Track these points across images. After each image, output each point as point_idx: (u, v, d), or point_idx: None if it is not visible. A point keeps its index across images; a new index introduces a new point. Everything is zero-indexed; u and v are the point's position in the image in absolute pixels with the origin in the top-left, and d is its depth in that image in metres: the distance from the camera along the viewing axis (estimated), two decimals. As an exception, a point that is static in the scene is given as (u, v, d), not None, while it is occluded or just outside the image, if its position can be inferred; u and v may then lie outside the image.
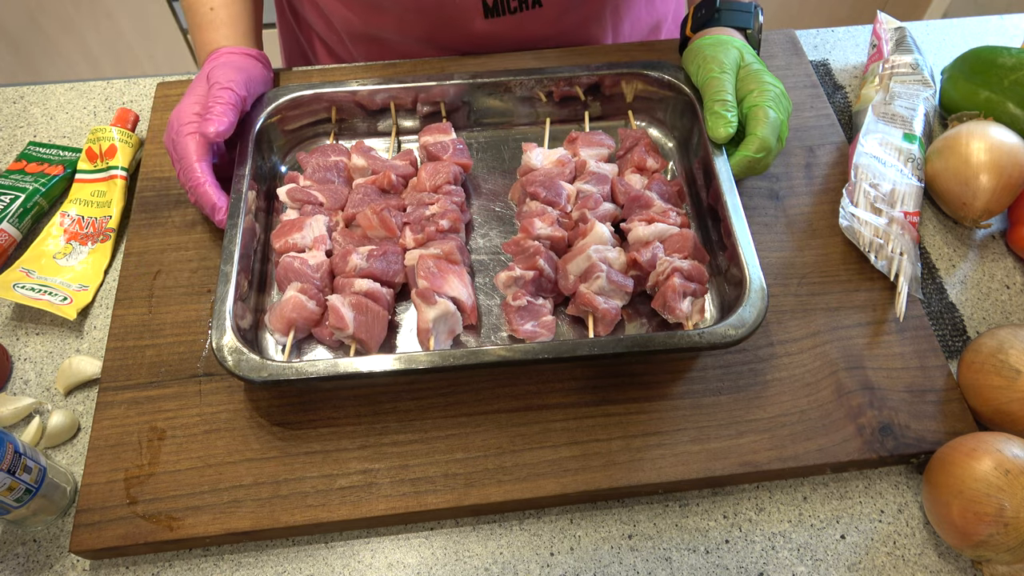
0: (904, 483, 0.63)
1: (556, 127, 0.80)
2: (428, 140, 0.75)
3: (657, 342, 0.59)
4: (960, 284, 0.73)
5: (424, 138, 0.76)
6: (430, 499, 0.59)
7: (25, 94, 0.88)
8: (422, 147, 0.76)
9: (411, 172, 0.74)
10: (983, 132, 0.73)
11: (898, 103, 0.79)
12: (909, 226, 0.71)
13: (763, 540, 0.60)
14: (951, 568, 0.59)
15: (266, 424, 0.62)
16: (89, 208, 0.76)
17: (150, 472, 0.60)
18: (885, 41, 0.85)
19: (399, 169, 0.73)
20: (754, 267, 0.62)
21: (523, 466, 0.60)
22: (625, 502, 0.62)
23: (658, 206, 0.70)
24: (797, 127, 0.81)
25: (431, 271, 0.65)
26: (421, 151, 0.76)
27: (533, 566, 0.59)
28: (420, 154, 0.77)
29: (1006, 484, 0.54)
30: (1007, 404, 0.61)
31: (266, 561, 0.59)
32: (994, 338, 0.63)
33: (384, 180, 0.72)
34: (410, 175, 0.74)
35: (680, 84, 0.75)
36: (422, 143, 0.76)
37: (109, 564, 0.59)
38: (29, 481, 0.56)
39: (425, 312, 0.63)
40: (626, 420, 0.62)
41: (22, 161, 0.79)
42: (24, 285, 0.70)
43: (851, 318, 0.68)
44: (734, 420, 0.62)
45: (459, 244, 0.67)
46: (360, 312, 0.63)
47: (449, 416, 0.63)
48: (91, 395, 0.67)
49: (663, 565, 0.59)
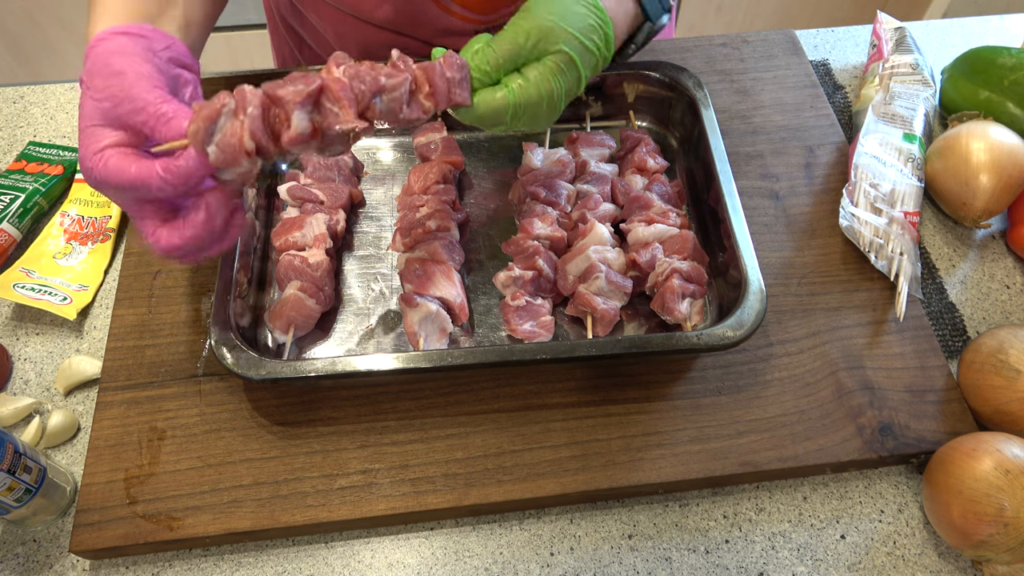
0: (904, 483, 0.63)
1: (557, 127, 0.80)
2: (421, 140, 0.76)
3: (655, 343, 0.60)
4: (960, 284, 0.73)
5: (418, 139, 0.76)
6: (430, 499, 0.59)
7: (25, 94, 0.88)
8: (416, 148, 0.76)
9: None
10: (983, 132, 0.73)
11: (898, 103, 0.79)
12: (909, 226, 0.71)
13: (763, 540, 0.60)
14: (951, 568, 0.59)
15: (266, 424, 0.62)
16: (89, 208, 0.77)
17: (150, 472, 0.60)
18: (885, 41, 0.85)
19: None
20: (753, 269, 0.62)
21: (523, 466, 0.60)
22: (625, 502, 0.62)
23: (658, 207, 0.70)
24: (797, 127, 0.81)
25: (417, 274, 0.65)
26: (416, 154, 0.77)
27: (533, 566, 0.59)
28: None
29: (1006, 484, 0.54)
30: (1007, 404, 0.61)
31: (266, 561, 0.59)
32: (994, 338, 0.63)
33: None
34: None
35: (681, 85, 0.75)
36: (415, 144, 0.76)
37: (109, 564, 0.59)
38: (29, 481, 0.56)
39: (409, 315, 0.64)
40: (626, 420, 0.62)
41: (22, 161, 0.79)
42: (24, 285, 0.70)
43: (851, 318, 0.68)
44: (734, 420, 0.62)
45: (447, 242, 0.67)
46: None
47: (449, 416, 0.63)
48: (91, 395, 0.67)
49: (663, 565, 0.59)
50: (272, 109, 0.50)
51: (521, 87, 0.56)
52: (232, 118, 0.49)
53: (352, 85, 0.51)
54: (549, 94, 0.57)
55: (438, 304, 0.64)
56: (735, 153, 0.78)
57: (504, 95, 0.56)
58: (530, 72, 0.57)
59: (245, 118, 0.49)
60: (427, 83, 0.54)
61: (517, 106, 0.57)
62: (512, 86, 0.56)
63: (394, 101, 0.53)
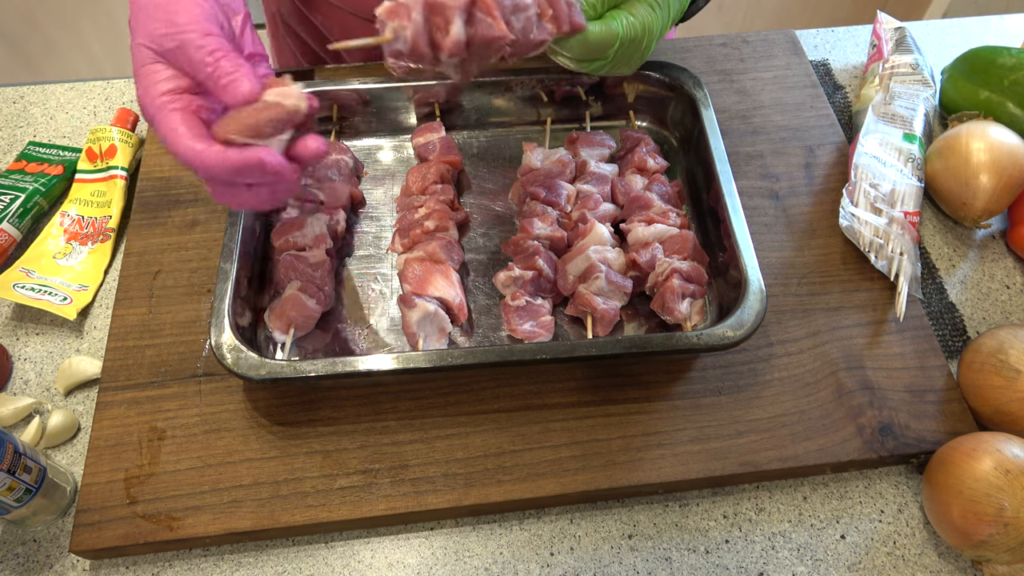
0: (904, 483, 0.63)
1: (557, 127, 0.80)
2: (419, 141, 0.76)
3: (655, 343, 0.60)
4: (960, 284, 0.73)
5: (416, 139, 0.76)
6: (430, 499, 0.59)
7: (25, 94, 0.88)
8: (414, 149, 0.76)
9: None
10: (983, 132, 0.73)
11: (898, 103, 0.79)
12: (909, 226, 0.71)
13: (763, 540, 0.60)
14: (951, 568, 0.59)
15: (266, 424, 0.62)
16: (89, 208, 0.76)
17: (150, 472, 0.60)
18: (885, 41, 0.85)
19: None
20: (753, 269, 0.62)
21: (523, 466, 0.60)
22: (625, 502, 0.62)
23: (658, 207, 0.70)
24: (797, 127, 0.81)
25: (415, 274, 0.65)
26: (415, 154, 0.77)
27: (533, 566, 0.59)
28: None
29: (1006, 484, 0.54)
30: (1007, 404, 0.61)
31: (266, 561, 0.59)
32: (994, 338, 0.63)
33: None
34: None
35: (682, 85, 0.75)
36: (414, 144, 0.76)
37: (109, 564, 0.59)
38: (29, 481, 0.56)
39: (408, 316, 0.64)
40: (626, 420, 0.62)
41: (22, 161, 0.79)
42: (24, 285, 0.70)
43: (851, 318, 0.68)
44: (734, 420, 0.63)
45: (445, 242, 0.67)
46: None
47: (449, 416, 0.63)
48: (91, 395, 0.67)
49: (663, 565, 0.59)
50: (431, 17, 0.52)
51: (630, 23, 0.60)
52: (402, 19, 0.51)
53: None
54: (649, 32, 0.61)
55: (436, 304, 0.64)
56: (735, 153, 0.78)
57: (616, 26, 0.59)
58: (636, 9, 0.60)
59: (409, 23, 0.51)
60: (550, 6, 0.56)
61: (624, 40, 0.60)
62: (622, 20, 0.59)
63: (528, 20, 0.55)
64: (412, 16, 0.51)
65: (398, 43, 0.52)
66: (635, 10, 0.60)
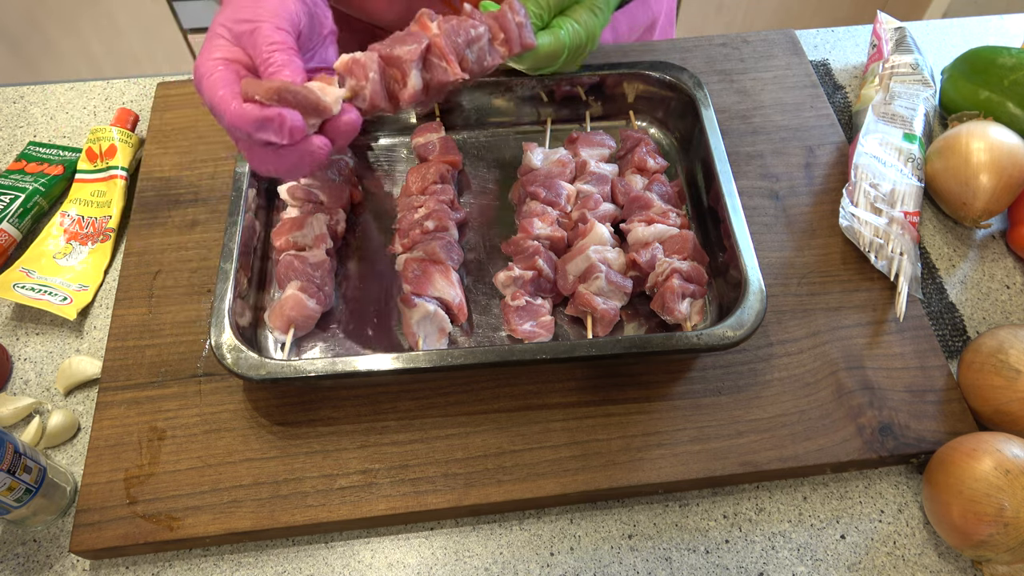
0: (904, 483, 0.63)
1: (557, 127, 0.80)
2: (419, 141, 0.76)
3: (655, 343, 0.60)
4: (960, 284, 0.73)
5: (416, 139, 0.76)
6: (430, 499, 0.59)
7: (25, 94, 0.88)
8: (414, 149, 0.76)
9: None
10: (983, 132, 0.73)
11: (898, 103, 0.79)
12: (909, 226, 0.71)
13: (763, 540, 0.60)
14: (951, 568, 0.59)
15: (266, 424, 0.62)
16: (89, 208, 0.77)
17: (150, 472, 0.60)
18: (885, 41, 0.85)
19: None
20: (753, 269, 0.62)
21: (523, 466, 0.60)
22: (625, 502, 0.62)
23: (658, 207, 0.70)
24: (797, 127, 0.81)
25: (415, 274, 0.65)
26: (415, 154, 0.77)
27: (533, 566, 0.59)
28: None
29: (1006, 484, 0.54)
30: (1007, 404, 0.61)
31: (266, 561, 0.59)
32: (994, 338, 0.63)
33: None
34: None
35: (681, 85, 0.75)
36: (413, 144, 0.76)
37: (109, 564, 0.59)
38: (29, 481, 0.56)
39: (408, 316, 0.64)
40: (626, 420, 0.62)
41: (22, 161, 0.79)
42: (24, 285, 0.70)
43: (851, 318, 0.68)
44: (734, 420, 0.62)
45: (444, 242, 0.67)
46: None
47: (449, 416, 0.63)
48: (91, 395, 0.67)
49: (663, 565, 0.59)
50: (387, 70, 0.53)
51: (575, 30, 0.64)
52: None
53: (451, 39, 0.55)
54: (592, 36, 0.66)
55: (436, 304, 0.64)
56: (735, 153, 0.78)
57: (563, 36, 0.63)
58: (578, 16, 0.64)
59: (367, 83, 0.52)
60: (501, 30, 0.58)
61: (571, 48, 0.64)
62: (567, 28, 0.64)
63: (481, 50, 0.57)
64: (369, 76, 0.52)
65: (357, 100, 0.54)
66: (579, 16, 0.64)
